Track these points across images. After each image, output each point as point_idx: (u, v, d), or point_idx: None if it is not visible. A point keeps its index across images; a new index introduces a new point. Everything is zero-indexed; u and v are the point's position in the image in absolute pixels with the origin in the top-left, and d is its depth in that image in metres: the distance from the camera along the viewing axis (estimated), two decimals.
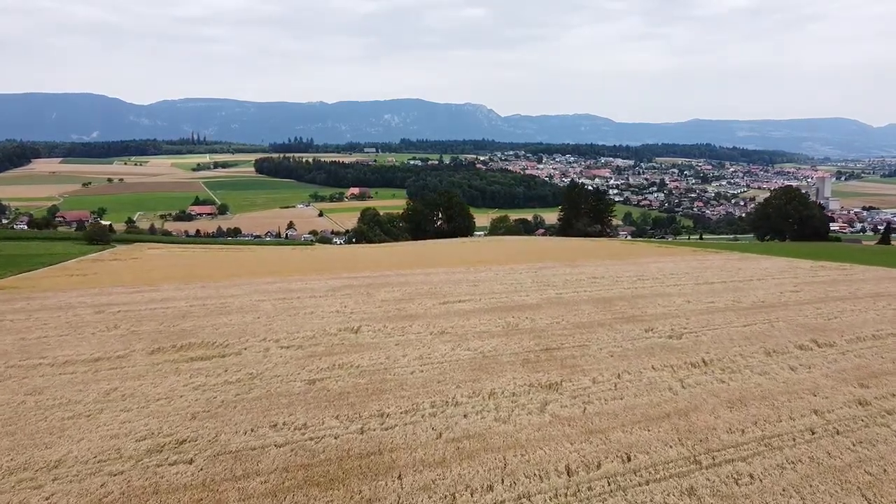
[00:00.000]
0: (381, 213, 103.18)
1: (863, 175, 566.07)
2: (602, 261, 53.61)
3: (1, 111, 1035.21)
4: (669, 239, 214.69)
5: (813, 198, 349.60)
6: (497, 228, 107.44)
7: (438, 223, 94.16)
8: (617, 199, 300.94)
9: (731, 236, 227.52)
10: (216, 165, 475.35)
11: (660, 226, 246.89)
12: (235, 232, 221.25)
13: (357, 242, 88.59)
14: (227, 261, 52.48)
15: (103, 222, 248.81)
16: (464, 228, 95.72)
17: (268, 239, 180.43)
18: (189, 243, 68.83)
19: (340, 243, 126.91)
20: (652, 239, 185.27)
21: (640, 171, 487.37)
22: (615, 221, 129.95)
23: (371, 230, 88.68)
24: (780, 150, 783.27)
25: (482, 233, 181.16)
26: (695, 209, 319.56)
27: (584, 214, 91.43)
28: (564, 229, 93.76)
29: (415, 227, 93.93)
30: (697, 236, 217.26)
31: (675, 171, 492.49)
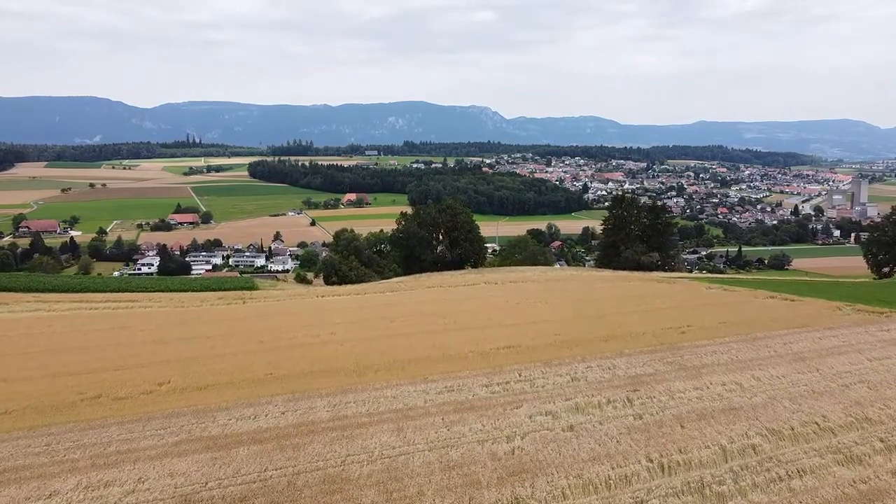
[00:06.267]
0: (363, 236, 79.57)
1: (885, 178, 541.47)
2: (723, 343, 30.34)
3: (4, 115, 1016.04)
4: (713, 261, 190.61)
5: (849, 202, 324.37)
6: (513, 253, 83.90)
7: (439, 248, 70.93)
8: None
9: (776, 248, 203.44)
10: (210, 169, 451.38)
11: (687, 236, 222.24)
12: (215, 244, 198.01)
13: (327, 280, 65.52)
14: (22, 359, 29.31)
15: (73, 233, 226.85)
16: (472, 255, 72.49)
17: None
18: (51, 292, 45.89)
19: (323, 253, 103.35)
20: (733, 272, 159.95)
21: (654, 174, 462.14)
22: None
23: (346, 261, 65.16)
24: (789, 151, 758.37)
25: (492, 246, 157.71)
26: (720, 216, 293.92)
27: (637, 238, 67.56)
28: (609, 257, 69.87)
29: (407, 253, 70.79)
30: (736, 249, 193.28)
31: (691, 174, 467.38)
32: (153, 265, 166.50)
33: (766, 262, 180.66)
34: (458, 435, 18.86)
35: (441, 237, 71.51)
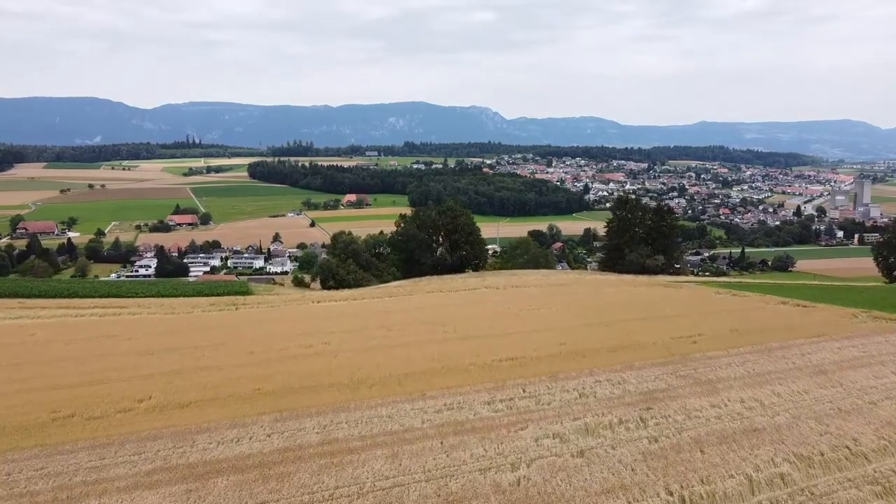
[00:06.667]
0: (362, 239, 77.98)
1: (887, 178, 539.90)
2: (737, 354, 28.74)
3: (5, 115, 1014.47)
4: (716, 263, 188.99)
5: (851, 203, 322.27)
6: (514, 255, 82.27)
7: (439, 251, 69.29)
8: None
9: (780, 249, 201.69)
10: (209, 170, 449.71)
11: (689, 237, 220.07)
12: (214, 245, 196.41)
13: (324, 284, 63.93)
14: None
15: (70, 234, 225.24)
16: (473, 258, 70.87)
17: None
18: (38, 297, 44.28)
19: (322, 255, 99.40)
20: (740, 273, 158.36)
21: (655, 174, 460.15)
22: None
23: (343, 265, 63.52)
24: (790, 151, 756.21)
25: (493, 247, 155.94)
26: (722, 216, 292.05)
27: (642, 241, 65.81)
28: (613, 260, 68.16)
29: (407, 256, 69.14)
30: (738, 250, 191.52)
31: (692, 174, 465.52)
32: (150, 267, 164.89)
33: (769, 263, 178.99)
34: (459, 462, 17.28)
35: (441, 240, 69.96)
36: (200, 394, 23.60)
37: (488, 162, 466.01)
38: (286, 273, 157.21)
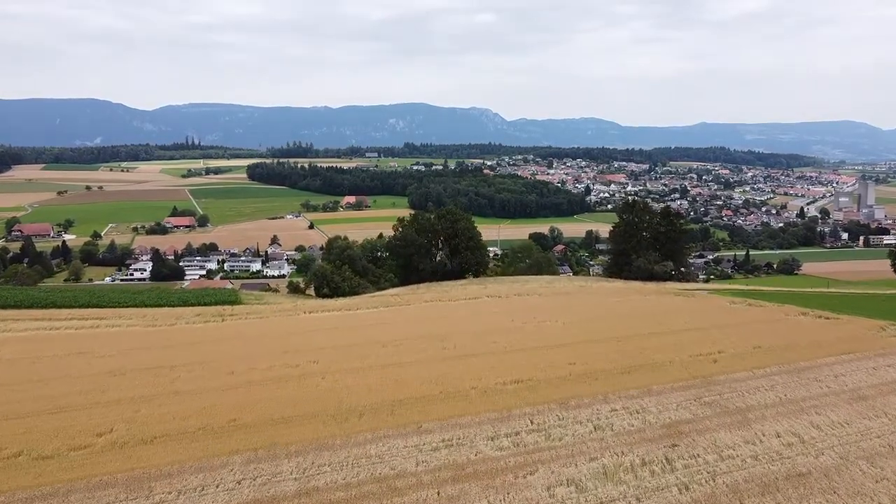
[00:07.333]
0: (358, 244, 75.29)
1: (888, 179, 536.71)
2: (765, 376, 26.09)
3: (5, 117, 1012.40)
4: (720, 266, 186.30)
5: (855, 205, 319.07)
6: (516, 260, 79.58)
7: (438, 257, 66.64)
8: None
9: (784, 252, 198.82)
10: (208, 171, 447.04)
11: (693, 239, 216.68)
12: (211, 248, 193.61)
13: (318, 291, 61.18)
14: None
15: (66, 237, 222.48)
16: (474, 264, 68.18)
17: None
18: (14, 308, 41.66)
19: (319, 258, 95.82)
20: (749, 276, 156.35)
21: (657, 175, 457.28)
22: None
23: (338, 271, 60.71)
24: (791, 152, 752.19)
25: (494, 249, 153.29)
26: (724, 218, 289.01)
27: (649, 246, 63.08)
28: (619, 266, 65.45)
29: (405, 262, 66.50)
30: (743, 253, 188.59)
31: (694, 175, 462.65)
32: (146, 270, 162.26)
33: (774, 266, 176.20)
34: None
35: (440, 245, 67.34)
36: (168, 426, 21.01)
37: (489, 163, 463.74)
38: (283, 277, 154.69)
